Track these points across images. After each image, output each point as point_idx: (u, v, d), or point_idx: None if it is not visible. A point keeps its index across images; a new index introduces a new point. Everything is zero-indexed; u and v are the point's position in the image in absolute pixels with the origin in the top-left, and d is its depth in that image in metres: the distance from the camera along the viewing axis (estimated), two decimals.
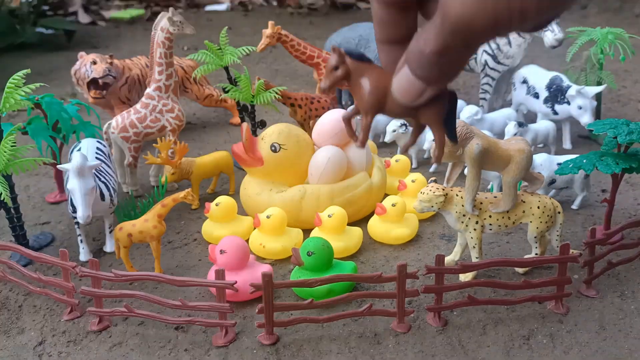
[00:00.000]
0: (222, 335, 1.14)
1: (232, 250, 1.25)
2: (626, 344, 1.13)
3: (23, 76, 1.39)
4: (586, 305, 1.24)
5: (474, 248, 1.29)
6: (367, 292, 1.19)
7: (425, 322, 1.19)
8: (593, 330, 1.17)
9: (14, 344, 1.16)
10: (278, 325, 1.14)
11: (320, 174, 1.54)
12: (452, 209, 1.29)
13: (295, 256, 1.25)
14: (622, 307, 1.24)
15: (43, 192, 1.80)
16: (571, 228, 1.54)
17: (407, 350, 1.12)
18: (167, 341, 1.15)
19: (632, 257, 1.35)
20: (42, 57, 3.28)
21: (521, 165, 1.22)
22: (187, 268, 1.40)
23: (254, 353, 1.12)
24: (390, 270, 1.35)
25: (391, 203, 1.48)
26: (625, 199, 1.69)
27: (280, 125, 1.57)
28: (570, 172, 1.37)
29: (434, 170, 1.90)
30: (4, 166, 1.31)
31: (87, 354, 1.13)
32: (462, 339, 1.14)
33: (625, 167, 1.33)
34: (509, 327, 1.18)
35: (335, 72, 0.61)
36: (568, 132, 2.08)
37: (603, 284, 1.30)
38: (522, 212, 1.28)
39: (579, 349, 1.12)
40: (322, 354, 1.11)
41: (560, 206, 1.32)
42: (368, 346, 1.13)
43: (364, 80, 0.62)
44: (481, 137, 1.22)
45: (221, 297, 1.12)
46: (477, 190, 1.26)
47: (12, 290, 1.32)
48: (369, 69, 0.62)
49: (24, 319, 1.23)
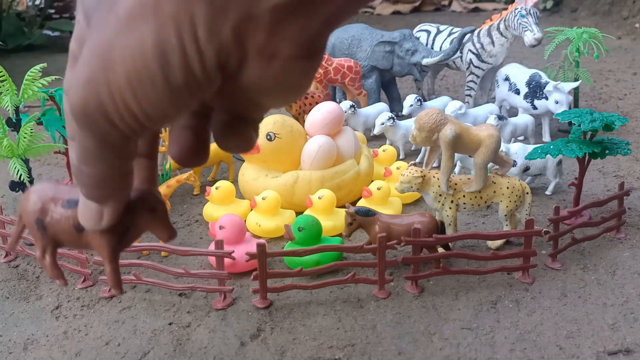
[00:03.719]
0: (220, 300, 1.27)
1: (230, 225, 1.38)
2: (584, 309, 1.26)
3: (40, 70, 1.52)
4: (551, 276, 1.37)
5: (449, 225, 1.42)
6: (351, 262, 1.32)
7: (403, 290, 1.32)
8: (555, 297, 1.30)
9: (33, 308, 1.29)
10: (271, 291, 1.26)
11: (312, 160, 1.67)
12: (430, 190, 1.42)
13: (287, 231, 1.38)
14: (584, 277, 1.36)
15: (55, 179, 1.93)
16: (544, 211, 1.67)
17: (386, 313, 1.25)
18: (172, 305, 1.28)
19: (595, 234, 1.48)
20: (49, 58, 3.41)
21: (490, 149, 1.35)
22: (189, 245, 1.53)
23: (249, 315, 1.25)
24: None
25: (377, 187, 1.61)
26: (597, 186, 1.83)
27: (275, 116, 1.70)
28: (538, 157, 1.50)
29: (419, 160, 2.03)
30: (24, 150, 1.45)
31: (100, 315, 1.26)
32: (435, 303, 1.27)
33: (588, 152, 1.46)
34: (479, 293, 1.30)
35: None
36: (547, 125, 2.21)
37: (568, 258, 1.43)
38: (492, 192, 1.41)
39: (541, 312, 1.25)
40: (310, 315, 1.24)
41: (528, 187, 1.45)
42: (351, 309, 1.26)
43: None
44: (454, 123, 1.35)
45: (220, 266, 1.25)
46: (452, 171, 1.39)
47: (29, 264, 1.45)
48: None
49: (42, 288, 1.36)
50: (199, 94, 0.38)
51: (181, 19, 0.35)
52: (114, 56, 0.37)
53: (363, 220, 1.37)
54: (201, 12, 0.35)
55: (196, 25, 0.35)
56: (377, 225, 1.36)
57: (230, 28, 0.35)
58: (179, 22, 0.35)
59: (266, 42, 0.36)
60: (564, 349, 1.14)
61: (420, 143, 1.41)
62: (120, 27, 0.36)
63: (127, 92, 0.37)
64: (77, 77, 0.38)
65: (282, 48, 0.36)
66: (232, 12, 0.35)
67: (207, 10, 0.35)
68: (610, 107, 2.54)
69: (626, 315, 1.23)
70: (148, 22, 0.36)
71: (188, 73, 0.37)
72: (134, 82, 0.37)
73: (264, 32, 0.35)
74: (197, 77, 0.37)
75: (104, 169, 0.44)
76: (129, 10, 0.36)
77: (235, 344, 1.16)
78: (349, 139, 1.75)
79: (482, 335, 1.18)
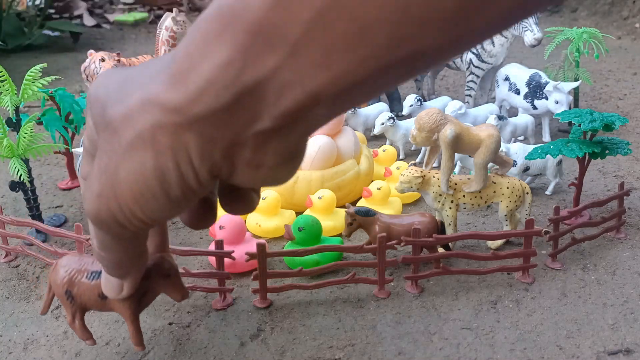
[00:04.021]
0: (220, 300, 1.27)
1: (230, 226, 1.38)
2: (584, 308, 1.26)
3: (40, 70, 1.53)
4: (551, 276, 1.37)
5: (449, 225, 1.42)
6: (351, 262, 1.32)
7: (403, 290, 1.32)
8: (555, 297, 1.30)
9: (33, 308, 1.29)
10: (271, 291, 1.27)
11: (312, 160, 1.67)
12: (430, 190, 1.42)
13: (287, 231, 1.38)
14: (584, 277, 1.36)
15: (55, 179, 1.93)
16: (544, 211, 1.67)
17: (387, 313, 1.25)
18: (172, 305, 1.28)
19: (595, 234, 1.48)
20: (49, 58, 3.41)
21: (490, 149, 1.35)
22: (189, 245, 1.53)
23: (249, 315, 1.25)
24: None
25: (377, 187, 1.61)
26: (597, 186, 1.83)
27: None
28: (538, 157, 1.50)
29: (419, 160, 2.03)
30: (24, 150, 1.45)
31: (100, 316, 1.25)
32: (435, 303, 1.27)
33: (588, 152, 1.46)
34: (479, 293, 1.31)
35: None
36: (547, 125, 2.21)
37: (568, 259, 1.43)
38: (492, 192, 1.41)
39: (541, 312, 1.25)
40: (310, 315, 1.24)
41: (528, 187, 1.45)
42: (351, 309, 1.26)
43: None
44: (454, 123, 1.35)
45: (220, 265, 1.25)
46: (452, 171, 1.39)
47: (29, 264, 1.45)
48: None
49: (42, 288, 1.36)
50: (196, 198, 0.45)
51: (176, 148, 0.40)
52: (120, 177, 0.43)
53: (363, 220, 1.37)
54: (193, 142, 0.40)
55: (189, 152, 0.40)
56: (377, 225, 1.36)
57: (219, 151, 0.40)
58: (174, 151, 0.41)
59: (252, 157, 0.41)
60: (564, 349, 1.14)
61: (420, 143, 1.41)
62: (123, 153, 0.42)
63: (133, 204, 0.44)
64: (90, 190, 0.46)
65: (267, 159, 0.41)
66: (220, 141, 0.40)
67: (197, 140, 0.40)
68: (610, 107, 2.54)
69: (626, 315, 1.23)
70: (147, 151, 0.41)
71: (185, 187, 0.42)
72: (138, 197, 0.43)
73: (249, 151, 0.40)
74: (193, 188, 0.43)
75: (120, 255, 0.53)
76: (130, 140, 0.42)
77: (235, 344, 1.16)
78: (349, 139, 1.75)
79: (482, 335, 1.18)
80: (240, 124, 0.39)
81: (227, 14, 0.37)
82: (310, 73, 0.36)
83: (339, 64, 0.35)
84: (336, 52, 0.35)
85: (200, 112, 0.38)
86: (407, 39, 0.34)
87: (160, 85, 0.40)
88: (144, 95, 0.41)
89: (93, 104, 0.47)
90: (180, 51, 0.39)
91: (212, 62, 0.38)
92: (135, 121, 0.41)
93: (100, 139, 0.44)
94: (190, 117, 0.39)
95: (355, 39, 0.34)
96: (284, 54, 0.36)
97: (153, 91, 0.40)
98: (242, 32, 0.36)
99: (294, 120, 0.39)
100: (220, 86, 0.37)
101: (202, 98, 0.38)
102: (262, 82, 0.37)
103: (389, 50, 0.35)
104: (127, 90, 0.43)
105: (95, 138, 0.47)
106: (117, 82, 0.45)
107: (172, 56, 0.41)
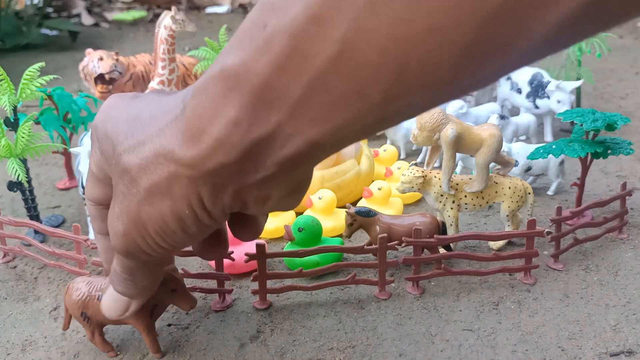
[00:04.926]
0: (220, 301, 1.26)
1: None
2: (586, 309, 1.25)
3: (38, 69, 1.51)
4: (553, 277, 1.36)
5: (450, 226, 1.41)
6: (351, 263, 1.31)
7: (404, 291, 1.31)
8: (557, 298, 1.29)
9: (31, 309, 1.28)
10: (270, 292, 1.25)
11: None
12: (431, 190, 1.40)
13: (287, 232, 1.37)
14: (586, 278, 1.35)
15: (53, 180, 1.92)
16: (546, 211, 1.66)
17: (387, 314, 1.23)
18: (171, 306, 1.27)
19: (597, 235, 1.46)
20: (48, 57, 3.40)
21: (492, 148, 1.34)
22: None
23: (249, 316, 1.24)
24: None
25: (377, 187, 1.60)
26: (599, 186, 1.81)
27: None
28: (540, 157, 1.49)
29: (420, 160, 2.01)
30: (22, 150, 1.44)
31: None
32: (437, 304, 1.26)
33: (591, 152, 1.45)
34: (481, 294, 1.29)
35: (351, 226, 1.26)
36: (549, 125, 2.20)
37: (570, 259, 1.42)
38: (494, 193, 1.40)
39: (543, 313, 1.24)
40: (310, 317, 1.23)
41: (530, 187, 1.44)
42: (352, 310, 1.25)
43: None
44: (456, 122, 1.34)
45: (219, 266, 1.24)
46: (453, 171, 1.38)
47: (27, 265, 1.44)
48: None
49: (40, 289, 1.35)
50: (211, 230, 0.54)
51: (190, 197, 0.47)
52: (142, 218, 0.51)
53: (364, 220, 1.36)
54: (205, 191, 0.46)
55: (203, 198, 0.47)
56: (377, 225, 1.35)
57: (229, 195, 0.47)
58: (189, 199, 0.47)
59: (259, 194, 0.46)
60: (566, 350, 1.12)
61: (422, 143, 1.40)
62: (143, 199, 0.49)
63: (156, 237, 0.52)
64: (114, 230, 0.54)
65: (273, 194, 0.47)
66: (229, 187, 0.46)
67: (210, 189, 0.46)
68: (613, 107, 2.52)
69: (628, 316, 1.22)
70: (165, 199, 0.48)
71: (200, 225, 0.51)
72: (160, 234, 0.52)
73: (256, 190, 0.46)
74: (208, 225, 0.51)
75: (150, 275, 0.66)
76: (148, 188, 0.48)
77: (234, 346, 1.15)
78: None
79: (484, 336, 1.17)
80: (247, 172, 0.43)
81: (231, 77, 0.40)
82: (311, 126, 0.40)
83: (338, 118, 0.39)
84: (335, 109, 0.38)
85: (212, 167, 0.43)
86: (403, 96, 0.37)
87: (173, 141, 0.45)
88: (157, 149, 0.46)
89: (102, 139, 0.52)
90: (189, 110, 0.44)
91: (221, 122, 0.41)
92: (151, 172, 0.47)
93: (120, 184, 0.50)
94: (203, 172, 0.44)
95: (352, 98, 0.37)
96: (286, 111, 0.39)
97: (167, 146, 0.45)
98: (247, 95, 0.40)
99: (297, 164, 0.43)
100: (230, 144, 0.42)
101: (214, 155, 0.43)
102: (266, 137, 0.41)
103: (386, 105, 0.38)
104: (137, 137, 0.48)
105: (106, 168, 0.54)
106: (126, 121, 0.50)
107: (182, 110, 0.45)
